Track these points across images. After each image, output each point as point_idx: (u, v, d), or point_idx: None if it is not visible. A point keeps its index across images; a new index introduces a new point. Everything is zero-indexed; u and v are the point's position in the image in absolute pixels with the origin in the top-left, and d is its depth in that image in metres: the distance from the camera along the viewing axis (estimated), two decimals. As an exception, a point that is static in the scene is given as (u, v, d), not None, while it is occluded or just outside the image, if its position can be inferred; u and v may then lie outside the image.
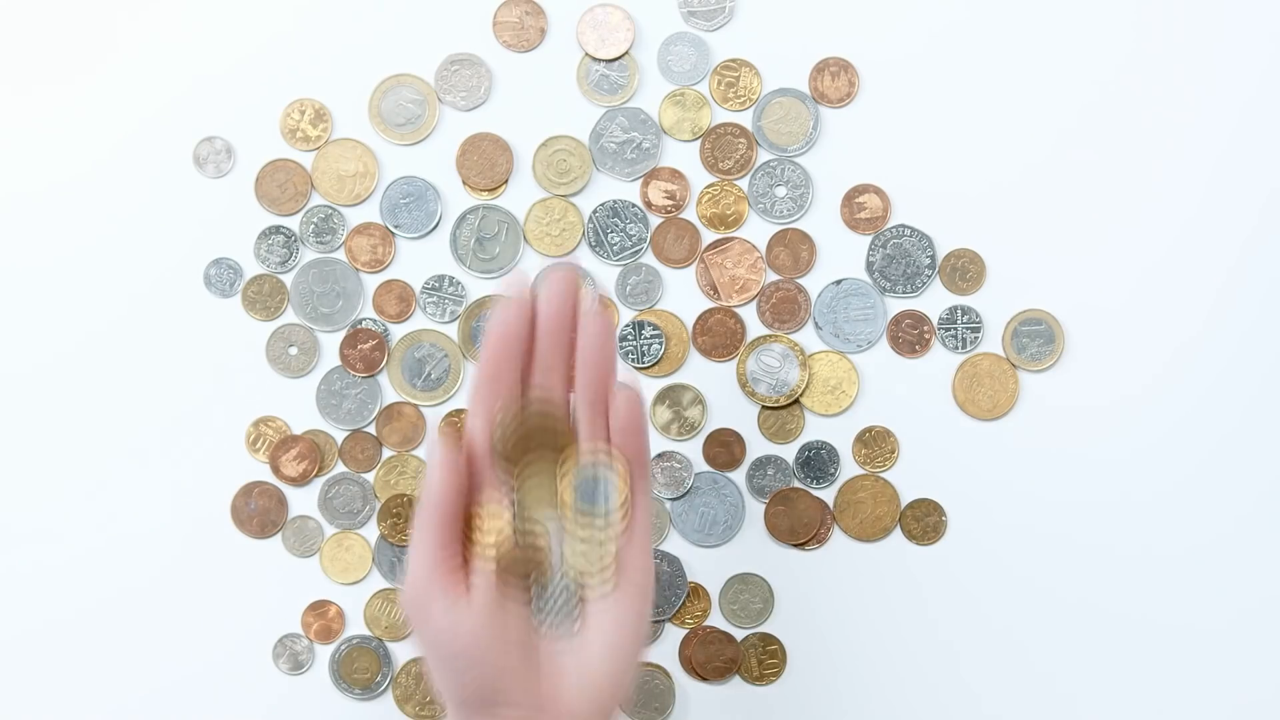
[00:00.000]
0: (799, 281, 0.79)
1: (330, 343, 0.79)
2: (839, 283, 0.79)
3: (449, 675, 0.63)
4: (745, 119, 0.79)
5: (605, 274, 0.79)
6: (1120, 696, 0.78)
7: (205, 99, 0.79)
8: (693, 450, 0.79)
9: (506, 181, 0.79)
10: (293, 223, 0.79)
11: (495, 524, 0.63)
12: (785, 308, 0.79)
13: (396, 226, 0.79)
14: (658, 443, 0.79)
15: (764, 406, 0.79)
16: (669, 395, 0.79)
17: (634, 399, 0.64)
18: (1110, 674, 0.78)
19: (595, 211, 0.79)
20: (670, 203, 0.79)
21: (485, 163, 0.79)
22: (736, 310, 0.79)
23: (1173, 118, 0.78)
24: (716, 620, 0.79)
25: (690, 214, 0.79)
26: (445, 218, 0.79)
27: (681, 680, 0.79)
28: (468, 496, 0.64)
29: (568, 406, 0.65)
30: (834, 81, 0.79)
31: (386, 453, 0.79)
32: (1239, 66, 0.78)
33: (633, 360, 0.78)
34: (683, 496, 0.78)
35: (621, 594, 0.65)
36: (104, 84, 0.79)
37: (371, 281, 0.79)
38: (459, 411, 0.78)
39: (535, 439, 0.64)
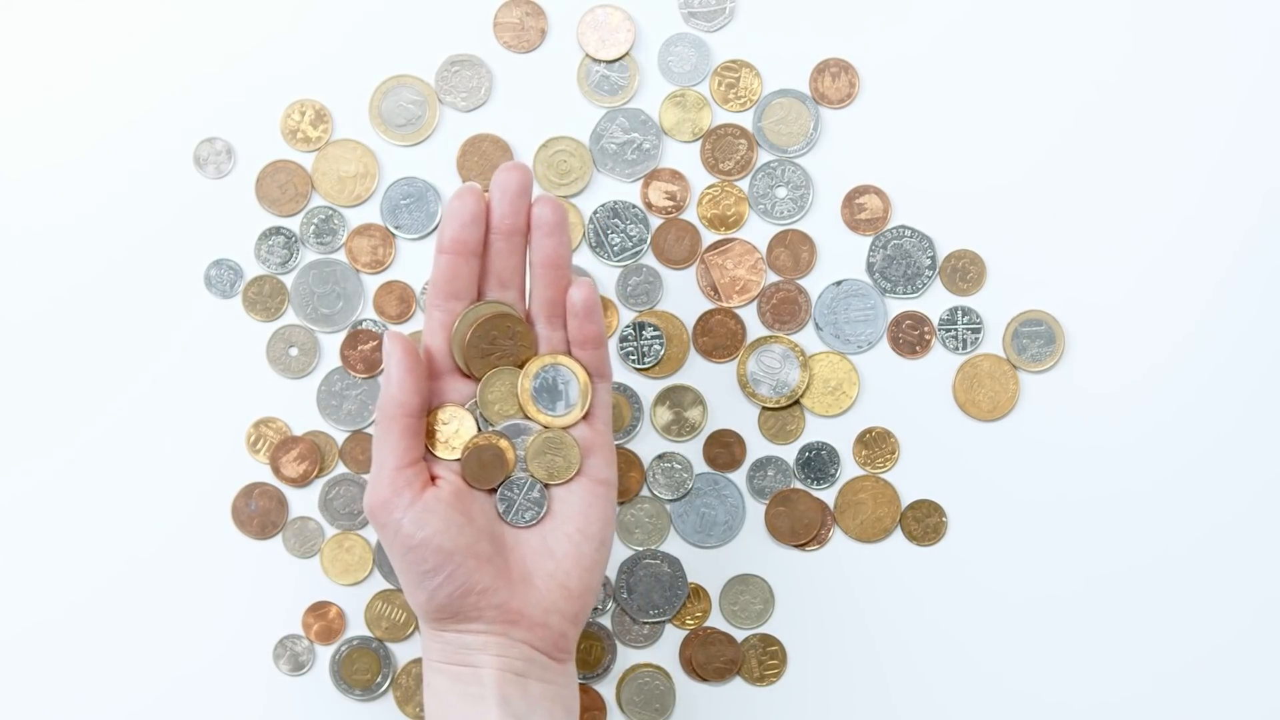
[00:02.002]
0: (799, 282, 0.79)
1: (331, 344, 0.79)
2: (839, 284, 0.79)
3: (421, 580, 0.64)
4: (746, 120, 0.79)
5: (606, 275, 0.79)
6: (1123, 696, 0.78)
7: (205, 99, 0.79)
8: (693, 451, 0.79)
9: (507, 182, 0.79)
10: (293, 224, 0.79)
11: (458, 424, 0.66)
12: (786, 309, 0.79)
13: (397, 227, 0.79)
14: (658, 444, 0.79)
15: (764, 407, 0.79)
16: (669, 396, 0.79)
17: (589, 285, 0.66)
18: (1112, 674, 0.78)
19: (595, 212, 0.79)
20: (671, 203, 0.79)
21: (486, 164, 0.79)
22: (737, 311, 0.79)
23: (1172, 118, 0.78)
24: (716, 621, 0.79)
25: (691, 215, 0.79)
26: (446, 218, 0.79)
27: (682, 681, 0.79)
28: (428, 402, 0.66)
29: (526, 314, 0.68)
30: (834, 82, 0.79)
31: (387, 453, 0.79)
32: (1238, 66, 0.78)
33: (633, 361, 0.78)
34: (683, 497, 0.78)
35: (585, 484, 0.67)
36: (104, 84, 0.79)
37: (372, 282, 0.79)
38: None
39: (495, 342, 0.66)
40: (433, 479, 0.66)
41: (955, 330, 0.78)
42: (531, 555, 0.66)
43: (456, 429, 0.66)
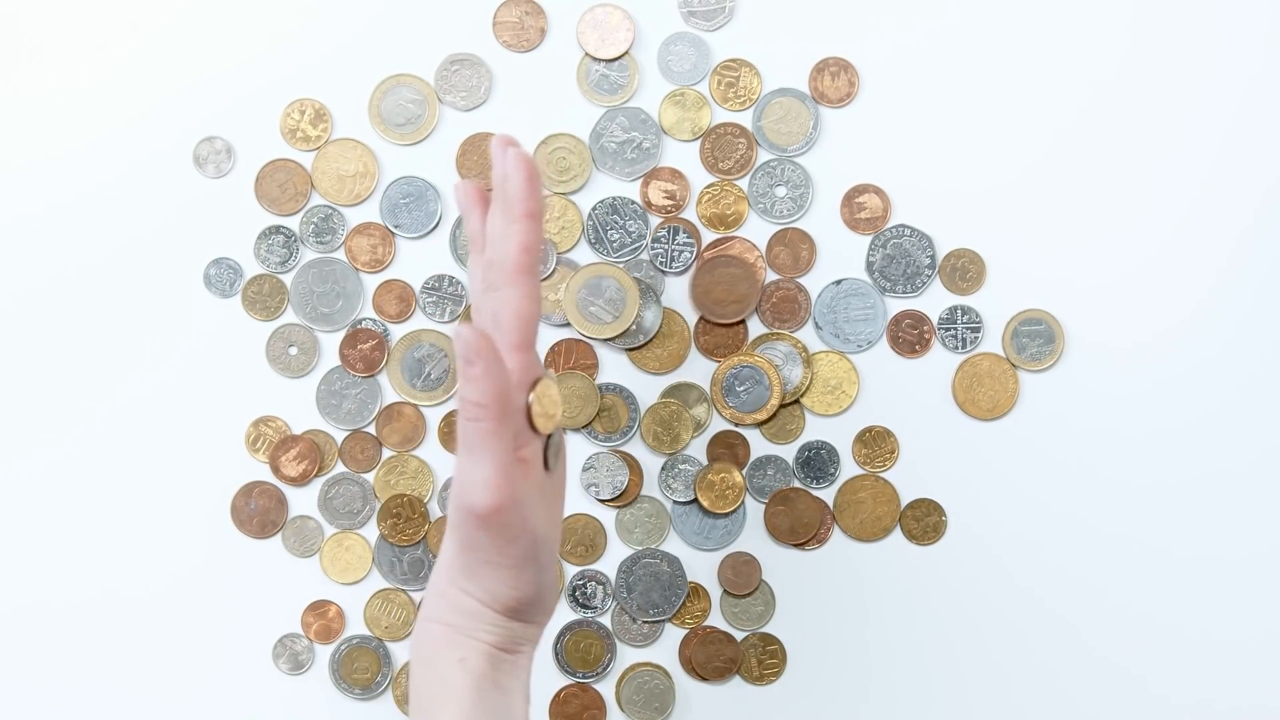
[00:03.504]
0: (799, 281, 0.79)
1: (330, 343, 0.79)
2: (839, 283, 0.78)
3: (537, 573, 0.60)
4: (745, 119, 0.79)
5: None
6: (1121, 696, 0.78)
7: (205, 99, 0.79)
8: (696, 450, 0.79)
9: (506, 181, 0.79)
10: (293, 223, 0.79)
11: (554, 395, 0.62)
12: (785, 307, 0.79)
13: (396, 226, 0.79)
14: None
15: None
16: (676, 393, 0.78)
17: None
18: (1111, 673, 0.78)
19: (595, 208, 0.79)
20: (670, 203, 0.79)
21: (485, 163, 0.79)
22: (736, 310, 0.79)
23: (1170, 117, 0.78)
24: (716, 620, 0.79)
25: (690, 214, 0.79)
26: (445, 218, 0.79)
27: (681, 680, 0.79)
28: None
29: None
30: (834, 81, 0.79)
31: (386, 453, 0.79)
32: (1236, 66, 0.78)
33: (660, 263, 0.78)
34: (693, 501, 0.78)
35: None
36: (104, 84, 0.79)
37: (371, 281, 0.79)
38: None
39: None
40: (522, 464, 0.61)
41: (955, 329, 0.78)
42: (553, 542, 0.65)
43: (553, 398, 0.63)
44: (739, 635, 0.78)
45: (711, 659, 0.78)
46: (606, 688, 0.79)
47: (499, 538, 0.59)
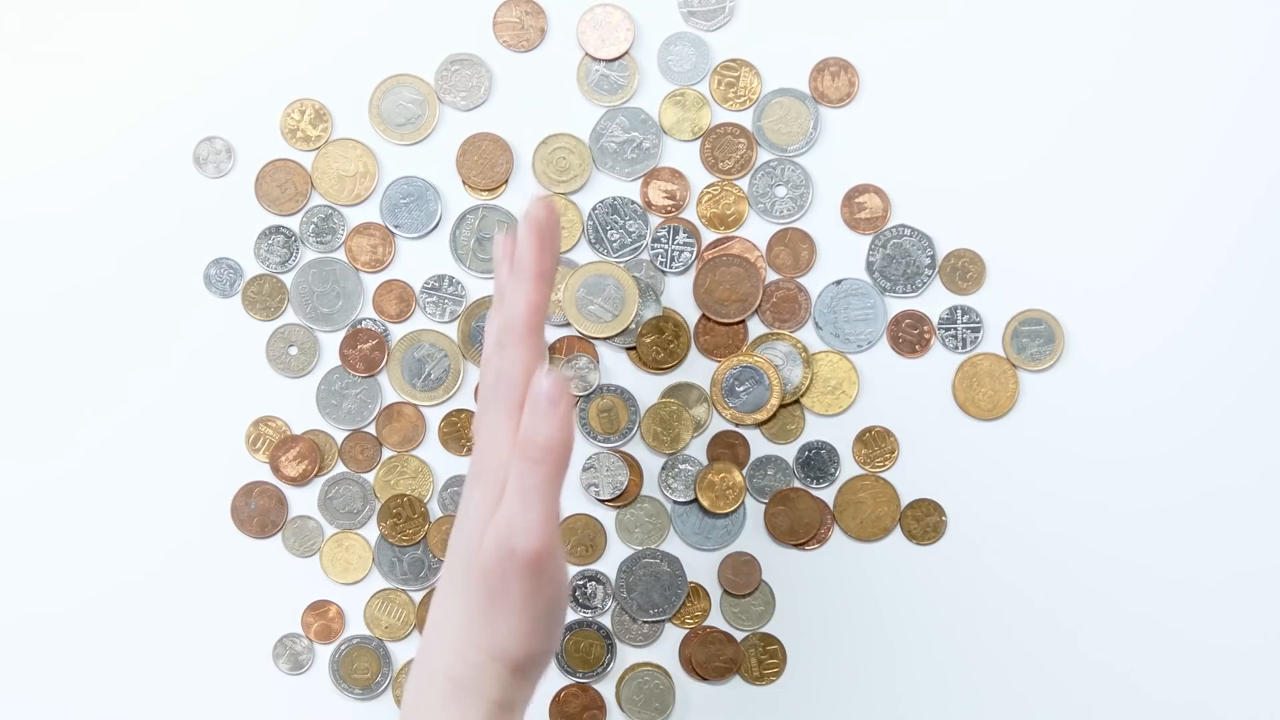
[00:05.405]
0: (799, 281, 0.79)
1: (330, 343, 0.79)
2: (839, 283, 0.78)
3: (559, 624, 0.61)
4: (745, 119, 0.79)
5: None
6: (1120, 696, 0.78)
7: (205, 99, 0.79)
8: (696, 450, 0.79)
9: (506, 181, 0.79)
10: (293, 223, 0.79)
11: None
12: (785, 307, 0.79)
13: (396, 226, 0.79)
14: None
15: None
16: (676, 393, 0.79)
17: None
18: (1110, 674, 0.78)
19: (595, 208, 0.79)
20: (670, 203, 0.79)
21: (485, 163, 0.79)
22: (736, 310, 0.79)
23: (1170, 116, 0.78)
24: (716, 620, 0.79)
25: (690, 214, 0.79)
26: (445, 218, 0.79)
27: (681, 680, 0.79)
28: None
29: None
30: (834, 81, 0.79)
31: (386, 453, 0.79)
32: (1237, 65, 0.78)
33: (660, 263, 0.78)
34: (693, 501, 0.78)
35: None
36: (104, 83, 0.79)
37: (371, 281, 0.79)
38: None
39: None
40: None
41: (955, 329, 0.78)
42: None
43: None
44: (739, 635, 0.78)
45: (711, 659, 0.78)
46: (606, 688, 0.79)
47: (532, 584, 0.59)
